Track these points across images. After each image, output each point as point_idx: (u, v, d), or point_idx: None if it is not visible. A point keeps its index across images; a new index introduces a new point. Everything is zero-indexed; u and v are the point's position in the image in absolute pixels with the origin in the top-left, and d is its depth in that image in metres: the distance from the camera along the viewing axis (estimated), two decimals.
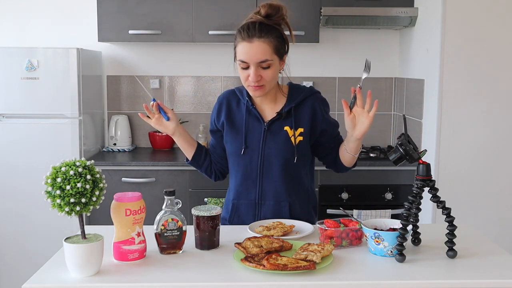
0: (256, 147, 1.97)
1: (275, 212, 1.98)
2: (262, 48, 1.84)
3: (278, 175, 1.97)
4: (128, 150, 3.69)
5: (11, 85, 3.24)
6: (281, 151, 1.96)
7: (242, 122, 1.99)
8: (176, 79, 3.85)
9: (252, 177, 1.99)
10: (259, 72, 1.85)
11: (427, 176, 1.57)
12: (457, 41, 3.00)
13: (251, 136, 1.98)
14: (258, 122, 1.98)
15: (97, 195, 1.42)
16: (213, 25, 3.44)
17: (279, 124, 1.97)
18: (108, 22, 3.44)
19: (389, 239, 1.55)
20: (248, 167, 1.98)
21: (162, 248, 1.60)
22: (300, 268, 1.42)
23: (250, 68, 1.85)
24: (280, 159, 1.96)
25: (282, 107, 1.98)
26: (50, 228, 3.24)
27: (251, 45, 1.84)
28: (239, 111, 2.01)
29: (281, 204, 1.99)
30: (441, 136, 3.05)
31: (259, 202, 1.99)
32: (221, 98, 2.07)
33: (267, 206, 1.99)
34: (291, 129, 1.96)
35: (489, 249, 1.66)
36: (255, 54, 1.83)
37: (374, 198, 3.32)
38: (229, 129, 2.01)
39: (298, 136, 1.96)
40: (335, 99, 3.85)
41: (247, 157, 1.97)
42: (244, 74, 1.88)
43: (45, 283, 1.40)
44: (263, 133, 1.97)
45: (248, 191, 2.00)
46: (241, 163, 1.99)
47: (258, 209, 2.00)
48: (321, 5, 3.40)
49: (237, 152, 1.99)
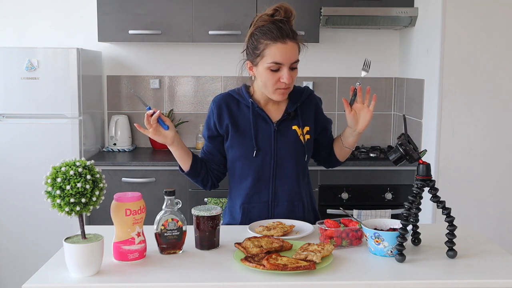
0: (267, 148, 1.94)
1: (289, 212, 1.97)
2: (295, 49, 1.85)
3: (291, 174, 1.97)
4: (128, 150, 3.69)
5: (11, 85, 3.25)
6: (293, 151, 1.96)
7: (249, 125, 1.94)
8: (176, 79, 3.85)
9: (265, 179, 1.96)
10: (290, 73, 1.84)
11: (427, 176, 1.57)
12: (457, 41, 3.00)
13: (261, 138, 1.95)
14: (266, 124, 1.96)
15: (97, 195, 1.42)
16: (213, 25, 3.44)
17: (287, 124, 1.97)
18: (108, 22, 3.44)
19: (389, 239, 1.55)
20: (260, 169, 1.95)
21: (162, 248, 1.60)
22: (300, 268, 1.42)
23: (282, 70, 1.83)
24: (293, 158, 1.96)
25: (286, 107, 1.97)
26: (50, 228, 3.24)
27: (285, 46, 1.81)
28: (242, 114, 1.96)
29: (295, 204, 1.98)
30: (441, 136, 3.05)
31: (272, 203, 1.97)
32: (219, 101, 1.99)
33: (281, 207, 1.97)
34: (299, 128, 1.97)
35: (489, 249, 1.66)
36: (290, 56, 1.82)
37: (374, 198, 3.32)
38: (235, 133, 1.95)
39: (306, 134, 1.98)
40: (335, 99, 3.85)
41: (259, 160, 1.94)
42: (275, 77, 1.84)
43: (45, 283, 1.40)
44: (273, 134, 1.95)
45: (260, 194, 1.97)
46: (252, 166, 1.95)
47: (271, 210, 1.97)
48: (321, 5, 3.40)
49: (247, 155, 1.94)
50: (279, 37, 1.81)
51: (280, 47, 1.81)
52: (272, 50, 1.82)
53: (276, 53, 1.81)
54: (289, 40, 1.82)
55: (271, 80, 1.85)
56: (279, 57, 1.81)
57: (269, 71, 1.84)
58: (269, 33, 1.82)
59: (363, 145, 3.80)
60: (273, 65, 1.82)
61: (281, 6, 1.85)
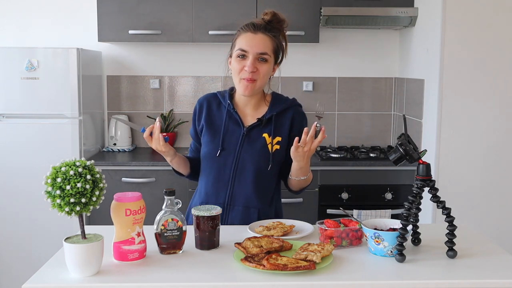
0: (232, 150, 1.96)
1: (243, 217, 1.96)
2: (265, 41, 1.89)
3: (251, 180, 1.95)
4: (128, 150, 3.69)
5: (11, 85, 3.25)
6: (256, 157, 1.95)
7: (221, 125, 1.98)
8: (176, 79, 3.85)
9: (224, 180, 1.96)
10: (256, 64, 1.88)
11: (427, 176, 1.57)
12: (457, 41, 3.00)
13: (229, 139, 1.97)
14: (237, 126, 1.98)
15: (97, 195, 1.42)
16: (213, 25, 3.44)
17: (258, 130, 1.97)
18: (108, 22, 3.44)
19: (389, 239, 1.55)
20: (221, 170, 1.96)
21: (162, 248, 1.60)
22: (300, 268, 1.42)
23: (248, 58, 1.88)
24: (255, 164, 1.95)
25: (264, 114, 1.98)
26: (50, 228, 3.24)
27: (254, 36, 1.89)
28: (219, 114, 2.00)
29: (251, 210, 1.97)
30: (441, 136, 3.05)
31: (228, 206, 1.97)
32: (201, 100, 2.06)
33: (236, 211, 1.96)
34: (269, 136, 1.96)
35: (489, 249, 1.66)
36: (257, 44, 1.88)
37: (374, 198, 3.32)
38: (207, 131, 2.00)
39: (275, 144, 1.96)
40: (335, 99, 3.85)
41: (222, 160, 1.96)
42: (240, 65, 1.90)
43: (45, 283, 1.40)
44: (241, 137, 1.96)
45: (218, 194, 1.98)
46: (214, 165, 1.97)
47: (226, 213, 1.97)
48: (321, 5, 3.40)
49: (212, 153, 1.97)
50: (250, 28, 1.90)
51: (249, 36, 1.89)
52: (241, 38, 1.91)
53: (243, 41, 1.89)
54: (261, 32, 1.89)
55: (236, 68, 1.91)
56: (244, 44, 1.88)
57: (236, 58, 1.90)
58: (244, 26, 1.92)
59: (363, 145, 3.80)
60: (240, 51, 1.89)
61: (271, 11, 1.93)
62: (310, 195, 3.25)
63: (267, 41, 1.89)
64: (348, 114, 3.88)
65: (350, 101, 3.87)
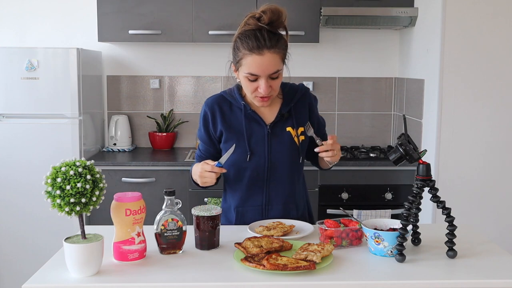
0: (261, 152, 1.90)
1: (283, 215, 1.95)
2: (274, 60, 1.77)
3: (286, 178, 1.94)
4: (128, 150, 3.69)
5: (11, 85, 3.24)
6: (287, 154, 1.92)
7: (242, 128, 1.90)
8: (176, 79, 3.85)
9: (258, 183, 1.93)
10: (269, 83, 1.79)
11: (427, 176, 1.57)
12: (457, 41, 3.00)
13: (254, 141, 1.91)
14: (259, 126, 1.91)
15: (97, 195, 1.42)
16: (213, 25, 3.44)
17: (281, 125, 1.92)
18: (108, 22, 3.44)
19: (389, 239, 1.55)
20: (254, 173, 1.91)
21: (162, 248, 1.60)
22: (300, 268, 1.42)
23: (260, 80, 1.78)
24: (287, 161, 1.93)
25: (280, 108, 1.93)
26: (51, 228, 3.24)
27: (262, 58, 1.75)
28: (234, 116, 1.92)
29: (289, 207, 1.96)
30: (441, 136, 3.05)
31: (266, 207, 1.95)
32: (211, 104, 1.95)
33: (275, 210, 1.95)
34: (293, 129, 1.93)
35: (489, 249, 1.66)
36: (267, 67, 1.76)
37: (374, 198, 3.32)
38: (229, 137, 1.91)
39: (301, 135, 1.94)
40: (335, 99, 3.85)
41: (253, 164, 1.90)
42: (252, 86, 1.80)
43: (45, 283, 1.40)
44: (267, 137, 1.91)
45: (254, 197, 1.94)
46: (246, 170, 1.91)
47: (265, 214, 1.95)
48: (321, 5, 3.40)
49: (241, 159, 1.90)
50: (255, 48, 1.75)
51: (256, 59, 1.75)
52: (248, 60, 1.77)
53: (252, 64, 1.77)
54: (267, 50, 1.75)
55: (249, 88, 1.82)
56: (254, 69, 1.77)
57: (247, 80, 1.80)
58: (247, 42, 1.76)
59: (363, 145, 3.80)
60: (250, 75, 1.79)
61: (268, 9, 1.77)
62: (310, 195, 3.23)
63: (276, 58, 1.77)
64: (348, 114, 3.88)
65: (350, 101, 3.87)
